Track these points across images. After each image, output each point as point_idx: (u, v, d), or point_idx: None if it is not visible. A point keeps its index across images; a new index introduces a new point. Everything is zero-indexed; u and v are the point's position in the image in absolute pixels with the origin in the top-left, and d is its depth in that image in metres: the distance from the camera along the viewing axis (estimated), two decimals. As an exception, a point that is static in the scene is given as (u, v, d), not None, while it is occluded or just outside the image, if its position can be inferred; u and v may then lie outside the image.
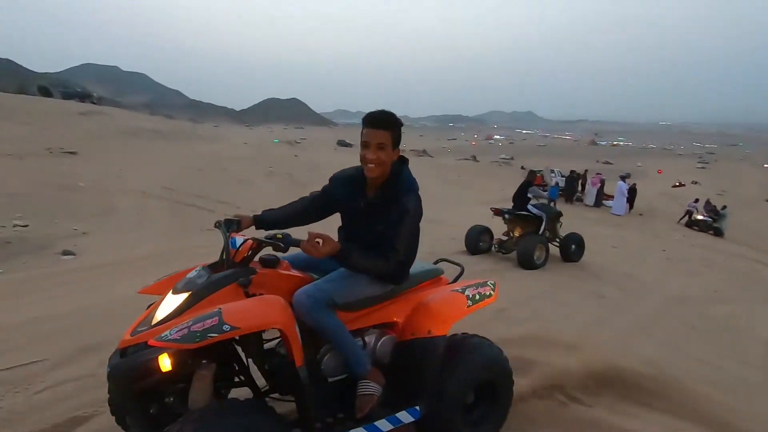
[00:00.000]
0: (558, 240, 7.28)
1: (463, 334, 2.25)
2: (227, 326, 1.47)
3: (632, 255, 8.68)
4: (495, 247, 7.21)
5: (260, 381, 1.94)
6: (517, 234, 7.10)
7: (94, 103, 36.12)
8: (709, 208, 16.82)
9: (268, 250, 1.86)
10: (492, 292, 2.25)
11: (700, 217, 16.20)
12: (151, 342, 1.49)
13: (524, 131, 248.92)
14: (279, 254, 1.85)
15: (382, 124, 1.84)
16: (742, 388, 3.35)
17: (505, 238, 7.25)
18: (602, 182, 16.90)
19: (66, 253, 7.13)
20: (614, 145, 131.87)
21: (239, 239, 1.85)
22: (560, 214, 7.61)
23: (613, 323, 4.25)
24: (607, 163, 66.26)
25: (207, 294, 1.70)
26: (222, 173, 21.02)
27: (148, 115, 56.89)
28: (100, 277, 5.69)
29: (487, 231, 7.39)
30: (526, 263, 6.37)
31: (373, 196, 1.89)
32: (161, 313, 1.71)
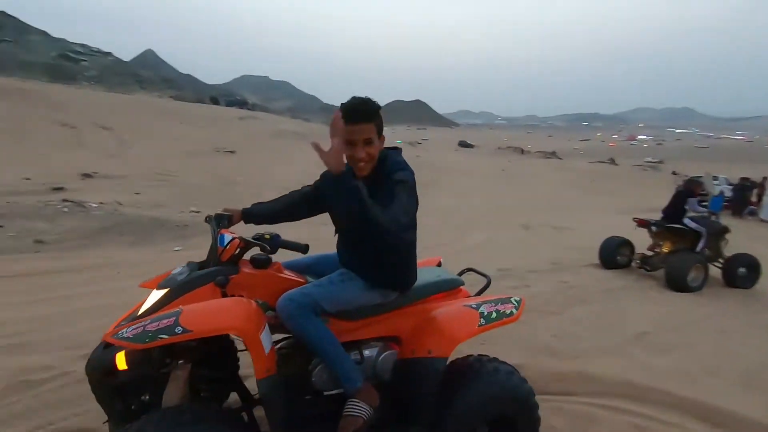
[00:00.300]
0: (721, 261, 6.12)
1: (479, 356, 1.94)
2: (180, 329, 1.39)
3: None
4: (637, 263, 6.36)
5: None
6: (665, 250, 6.15)
7: (249, 109, 42.09)
8: None
9: (258, 250, 1.79)
10: (515, 310, 1.93)
11: None
12: (106, 338, 1.46)
13: (678, 130, 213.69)
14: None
15: (365, 117, 1.65)
16: None
17: (650, 253, 6.33)
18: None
19: (227, 236, 8.49)
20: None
21: (228, 236, 1.76)
22: (726, 230, 6.42)
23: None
24: (798, 169, 53.06)
25: (183, 292, 1.64)
26: (350, 172, 22.60)
27: (289, 118, 64.05)
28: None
29: (627, 244, 6.54)
30: (677, 284, 5.42)
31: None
32: (144, 308, 1.67)
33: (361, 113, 1.63)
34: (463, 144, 66.50)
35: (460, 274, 2.26)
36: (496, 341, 3.30)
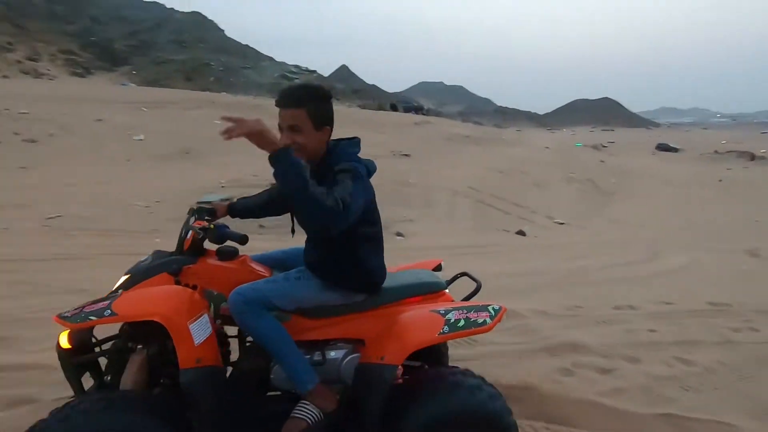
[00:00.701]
0: None
1: (447, 367, 1.75)
2: (108, 311, 1.44)
3: None
4: None
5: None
6: None
7: (423, 114, 44.20)
8: None
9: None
10: (489, 320, 1.64)
11: None
12: (54, 318, 1.53)
13: None
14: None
15: (292, 102, 1.55)
16: None
17: None
18: None
19: (398, 234, 9.13)
20: None
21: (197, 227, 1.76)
22: None
23: None
24: None
25: (141, 279, 1.69)
26: (521, 176, 21.59)
27: (461, 122, 64.65)
28: (423, 258, 7.01)
29: None
30: None
31: None
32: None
33: (287, 97, 1.58)
34: (664, 147, 55.93)
35: (453, 279, 2.13)
36: (703, 386, 2.72)
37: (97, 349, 1.77)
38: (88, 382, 1.76)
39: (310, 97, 1.60)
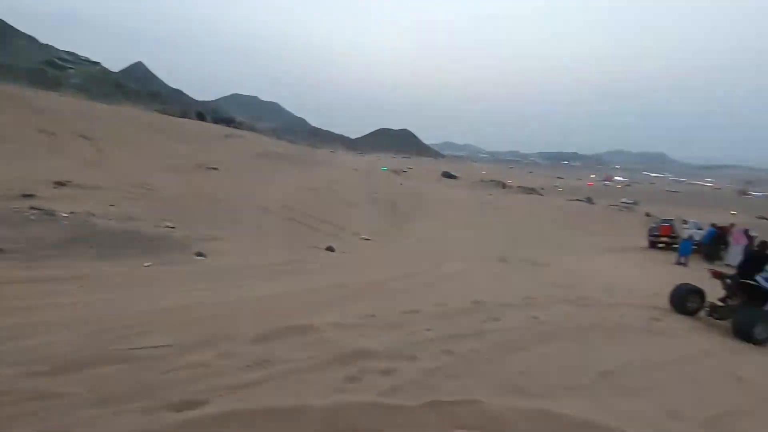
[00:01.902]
0: None
1: None
2: None
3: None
4: (706, 310, 6.72)
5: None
6: (735, 302, 6.55)
7: (235, 127, 42.03)
8: None
9: None
10: None
11: None
12: None
13: (652, 174, 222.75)
14: None
15: None
16: None
17: (721, 303, 6.67)
18: (750, 239, 14.08)
19: (199, 254, 8.24)
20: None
21: None
22: None
23: (755, 417, 3.46)
24: (764, 218, 55.73)
25: None
26: (331, 195, 22.61)
27: (275, 139, 64.23)
28: (223, 278, 6.46)
29: (698, 292, 6.86)
30: (745, 335, 5.77)
31: None
32: None
33: None
34: (447, 175, 67.65)
35: None
36: (462, 372, 3.23)
37: None
38: None
39: None
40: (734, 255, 14.23)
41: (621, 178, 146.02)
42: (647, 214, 39.91)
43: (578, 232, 24.37)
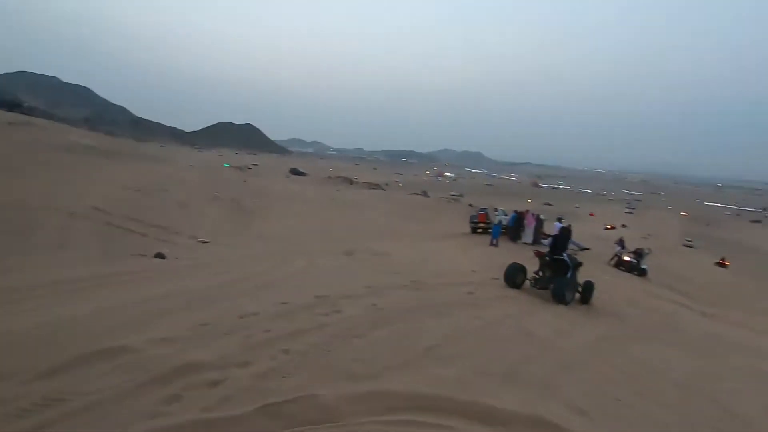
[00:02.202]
0: (578, 285, 8.47)
1: None
2: None
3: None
4: (531, 282, 8.47)
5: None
6: (548, 274, 8.41)
7: (25, 113, 33.57)
8: (633, 250, 18.18)
9: None
10: None
11: (626, 258, 17.44)
12: None
13: (473, 170, 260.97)
14: None
15: None
16: (654, 428, 3.52)
17: (537, 276, 8.47)
18: (538, 221, 17.76)
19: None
20: (555, 188, 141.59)
21: None
22: (581, 264, 8.93)
23: (538, 361, 4.36)
24: (548, 204, 70.26)
25: None
26: (162, 195, 19.99)
27: (87, 130, 53.62)
28: (2, 304, 5.08)
29: (522, 269, 8.54)
30: (561, 299, 7.70)
31: None
32: None
33: None
34: (295, 171, 66.85)
35: None
36: (297, 369, 3.21)
37: None
38: None
39: None
40: (528, 234, 17.63)
41: (449, 174, 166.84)
42: (470, 205, 46.48)
43: (416, 222, 26.90)
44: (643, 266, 16.99)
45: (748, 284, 26.89)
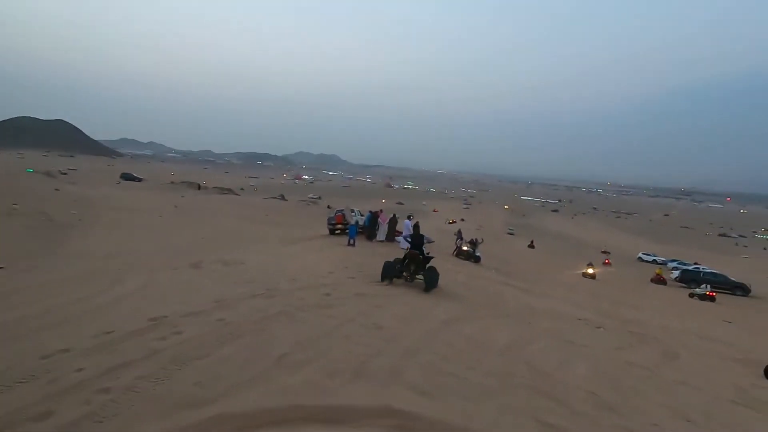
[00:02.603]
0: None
1: None
2: None
3: (410, 286, 9.91)
4: (404, 276, 9.52)
5: None
6: (412, 268, 9.55)
7: None
8: (469, 240, 20.90)
9: None
10: None
11: (464, 248, 19.92)
12: None
13: (331, 173, 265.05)
14: None
15: None
16: (481, 395, 4.07)
17: (406, 271, 9.57)
18: (392, 220, 18.99)
19: None
20: (405, 188, 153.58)
21: None
22: (433, 257, 10.34)
23: (387, 352, 4.63)
24: (400, 203, 75.75)
25: None
26: None
27: None
28: None
29: (395, 264, 9.60)
30: (429, 287, 9.12)
31: None
32: None
33: None
34: (128, 177, 57.99)
35: None
36: (120, 409, 2.76)
37: None
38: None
39: None
40: (382, 232, 18.68)
41: (307, 177, 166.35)
42: (328, 206, 47.03)
43: (273, 227, 26.01)
44: (478, 254, 19.64)
45: (549, 259, 33.39)
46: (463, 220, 58.13)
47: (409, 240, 10.43)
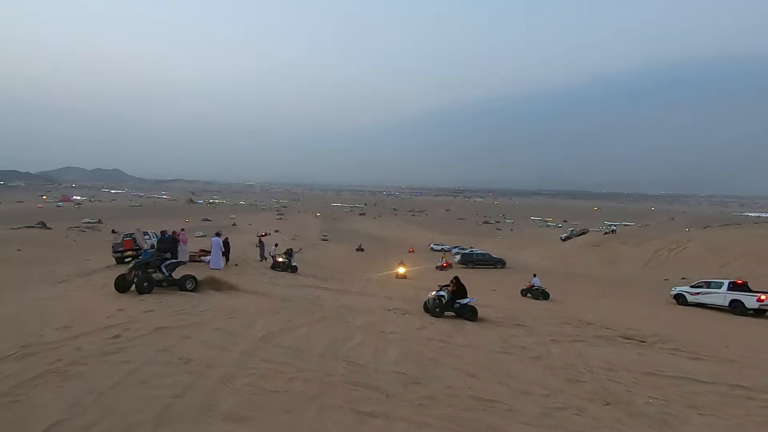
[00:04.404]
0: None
1: None
2: None
3: (230, 307, 9.20)
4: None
5: None
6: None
7: None
8: (284, 251, 20.73)
9: None
10: None
11: (280, 259, 19.63)
12: None
13: (113, 190, 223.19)
14: None
15: None
16: (302, 403, 4.08)
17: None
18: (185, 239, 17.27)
19: None
20: (210, 203, 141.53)
21: None
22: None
23: (197, 387, 4.17)
24: (207, 219, 69.62)
25: None
26: None
27: None
28: None
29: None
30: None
31: None
32: None
33: None
34: None
35: None
36: None
37: None
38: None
39: None
40: (183, 252, 16.79)
41: (79, 197, 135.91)
42: (113, 231, 39.51)
43: (29, 264, 20.28)
44: (294, 263, 19.63)
45: (363, 260, 36.08)
46: (277, 231, 57.18)
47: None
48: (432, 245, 52.51)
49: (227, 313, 8.22)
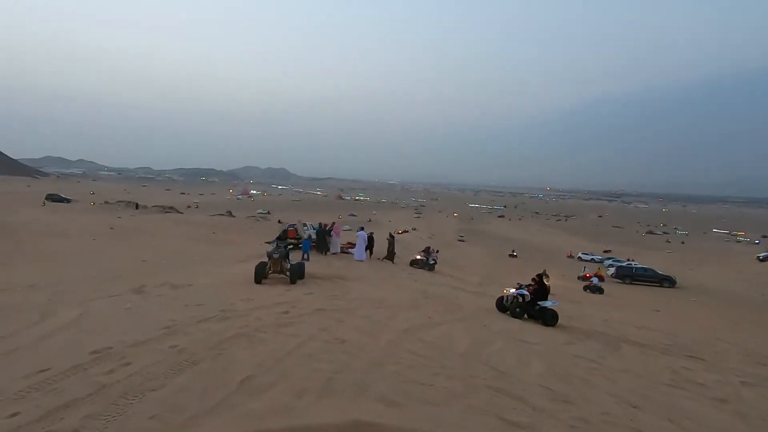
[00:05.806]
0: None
1: None
2: None
3: (376, 298, 9.92)
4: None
5: None
6: None
7: None
8: (423, 249, 21.29)
9: None
10: None
11: (418, 257, 20.26)
12: None
13: (280, 186, 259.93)
14: None
15: None
16: (446, 399, 4.15)
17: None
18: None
19: None
20: (357, 199, 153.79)
21: None
22: None
23: (352, 366, 4.60)
24: (353, 215, 75.72)
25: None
26: None
27: None
28: None
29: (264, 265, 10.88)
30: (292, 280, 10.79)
31: None
32: None
33: None
34: (55, 198, 53.37)
35: None
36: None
37: None
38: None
39: None
40: (335, 245, 18.60)
41: (255, 191, 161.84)
42: (279, 221, 45.97)
43: (221, 245, 24.99)
44: (431, 262, 20.03)
45: (499, 263, 34.67)
46: (415, 229, 59.05)
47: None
48: (581, 254, 47.66)
49: (373, 304, 8.84)
